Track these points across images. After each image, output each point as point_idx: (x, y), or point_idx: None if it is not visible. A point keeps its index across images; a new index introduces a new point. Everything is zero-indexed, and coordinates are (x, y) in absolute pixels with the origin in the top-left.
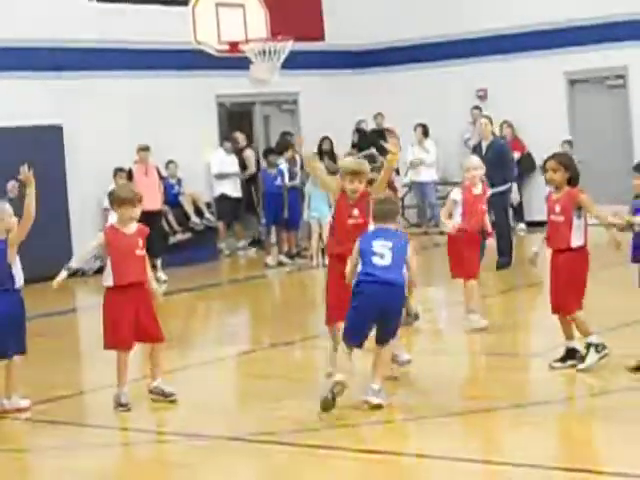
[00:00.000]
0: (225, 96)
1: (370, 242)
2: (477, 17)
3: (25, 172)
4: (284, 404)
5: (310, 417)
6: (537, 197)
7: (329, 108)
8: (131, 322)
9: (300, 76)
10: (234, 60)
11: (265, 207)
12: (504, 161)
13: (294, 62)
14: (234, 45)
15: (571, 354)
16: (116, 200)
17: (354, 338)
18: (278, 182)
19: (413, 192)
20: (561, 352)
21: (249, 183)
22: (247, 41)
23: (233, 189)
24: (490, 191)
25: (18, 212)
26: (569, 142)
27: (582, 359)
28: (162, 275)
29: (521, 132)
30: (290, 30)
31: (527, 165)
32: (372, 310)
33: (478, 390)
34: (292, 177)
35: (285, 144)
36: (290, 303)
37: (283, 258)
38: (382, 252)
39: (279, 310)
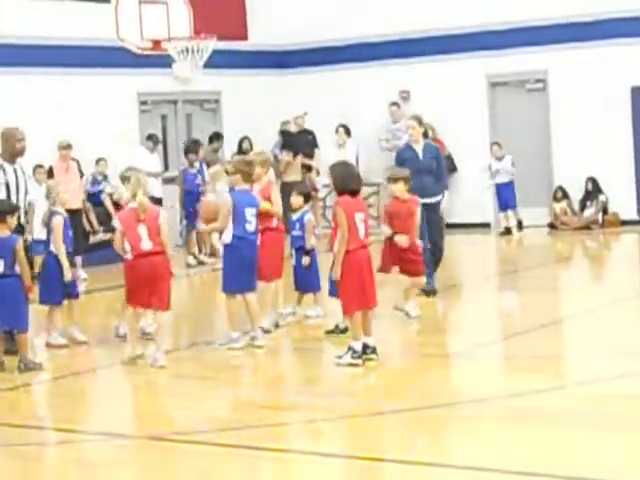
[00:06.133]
0: (147, 94)
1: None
2: (400, 19)
3: None
4: (205, 404)
5: (230, 417)
6: (457, 199)
7: (251, 108)
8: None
9: (223, 75)
10: (156, 58)
11: (185, 206)
12: (442, 167)
13: (217, 61)
14: (157, 43)
15: (364, 349)
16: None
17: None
18: (198, 181)
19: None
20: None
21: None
22: (170, 39)
23: (154, 189)
24: (422, 201)
25: None
26: (497, 144)
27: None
28: (82, 273)
29: (443, 134)
30: (213, 29)
31: (447, 166)
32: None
33: (397, 391)
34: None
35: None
36: (211, 302)
37: (204, 257)
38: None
39: (200, 309)
